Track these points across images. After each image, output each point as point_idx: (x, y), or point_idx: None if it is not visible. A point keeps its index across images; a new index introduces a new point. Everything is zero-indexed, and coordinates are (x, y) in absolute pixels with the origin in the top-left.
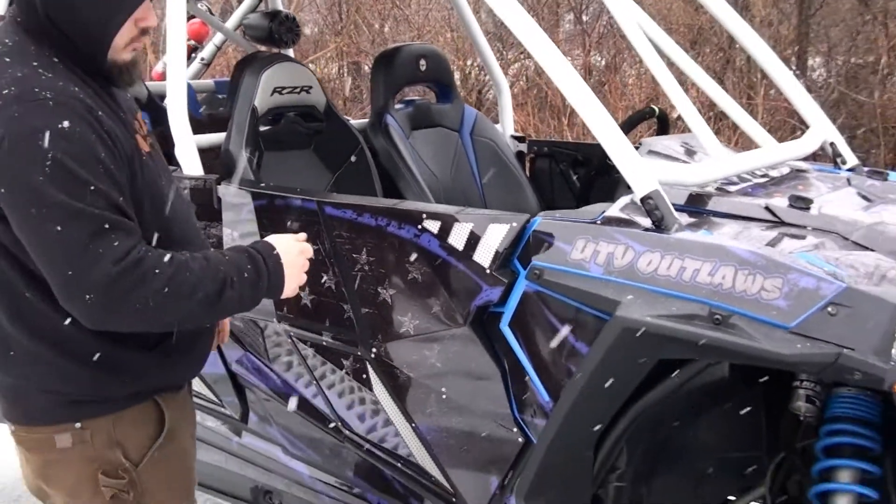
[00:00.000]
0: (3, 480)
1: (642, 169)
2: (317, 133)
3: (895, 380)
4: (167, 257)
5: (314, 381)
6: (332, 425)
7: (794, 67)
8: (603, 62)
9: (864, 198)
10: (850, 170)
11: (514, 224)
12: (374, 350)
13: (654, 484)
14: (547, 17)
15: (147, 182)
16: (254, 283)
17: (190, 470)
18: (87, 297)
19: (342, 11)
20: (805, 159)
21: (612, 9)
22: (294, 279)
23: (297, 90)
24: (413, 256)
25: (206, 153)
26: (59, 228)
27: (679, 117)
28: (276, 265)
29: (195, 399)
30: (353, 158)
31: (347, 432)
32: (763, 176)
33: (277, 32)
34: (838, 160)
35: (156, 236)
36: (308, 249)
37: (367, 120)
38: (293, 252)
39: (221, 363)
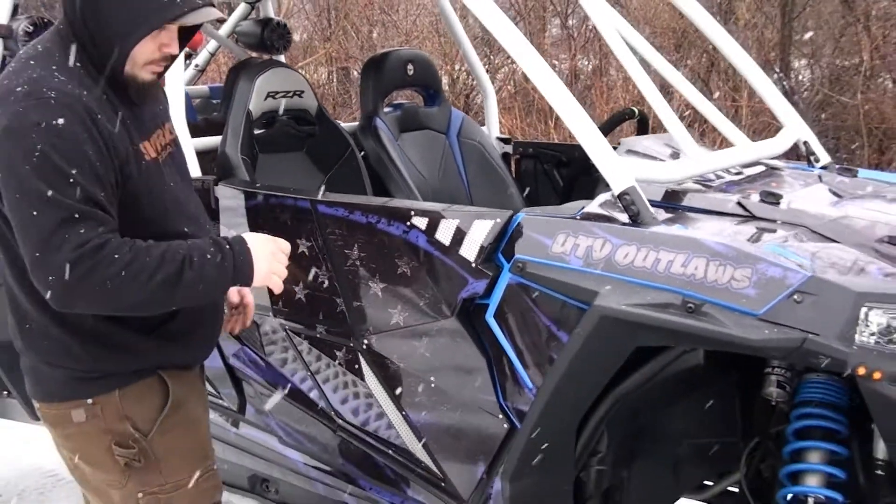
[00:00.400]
0: (6, 475)
1: (619, 167)
2: (309, 136)
3: (857, 363)
4: (129, 244)
5: (309, 374)
6: (325, 415)
7: (777, 70)
8: (590, 66)
9: (834, 193)
10: (823, 167)
11: (499, 220)
12: (365, 342)
13: (634, 468)
14: (534, 22)
15: (147, 184)
16: (218, 264)
17: (202, 437)
18: (50, 278)
19: (331, 18)
20: (785, 158)
21: (592, 14)
22: (264, 262)
23: (290, 94)
24: (402, 252)
25: (201, 156)
26: (34, 213)
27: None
28: (242, 248)
29: None
30: (343, 160)
31: (341, 422)
32: (738, 174)
33: (269, 39)
34: (812, 158)
35: (152, 232)
36: (281, 240)
37: (357, 123)
38: (261, 239)
39: (219, 357)
